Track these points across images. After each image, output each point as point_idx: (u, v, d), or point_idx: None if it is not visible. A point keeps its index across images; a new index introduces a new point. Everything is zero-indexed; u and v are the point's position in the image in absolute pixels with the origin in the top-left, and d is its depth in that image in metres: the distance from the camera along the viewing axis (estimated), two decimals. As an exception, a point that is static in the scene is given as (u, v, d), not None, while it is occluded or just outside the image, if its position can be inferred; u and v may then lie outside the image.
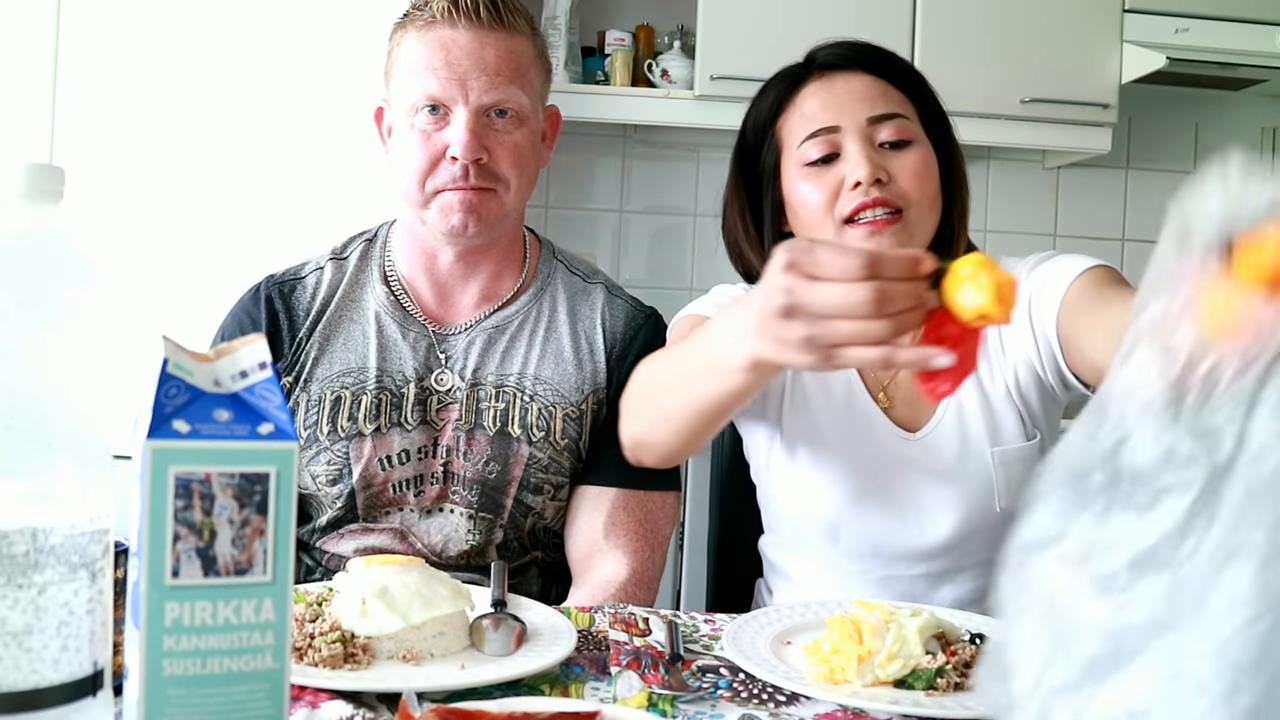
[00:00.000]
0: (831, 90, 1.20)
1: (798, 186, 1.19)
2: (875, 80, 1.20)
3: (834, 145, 1.17)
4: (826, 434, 1.22)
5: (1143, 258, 2.21)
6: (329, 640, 0.86)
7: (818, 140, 1.18)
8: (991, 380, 1.21)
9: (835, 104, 1.18)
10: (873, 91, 1.19)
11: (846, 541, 1.21)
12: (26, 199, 0.59)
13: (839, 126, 1.17)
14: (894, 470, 1.20)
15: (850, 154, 1.16)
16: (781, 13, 2.47)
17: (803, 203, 1.19)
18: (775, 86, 1.24)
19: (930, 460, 1.20)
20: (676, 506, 1.33)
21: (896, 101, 1.19)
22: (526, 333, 1.31)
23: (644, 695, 0.84)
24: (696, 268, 2.91)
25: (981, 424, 1.20)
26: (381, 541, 1.26)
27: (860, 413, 1.22)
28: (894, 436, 1.21)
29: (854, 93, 1.19)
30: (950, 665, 0.86)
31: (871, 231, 1.15)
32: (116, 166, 2.16)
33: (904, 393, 1.23)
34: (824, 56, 1.22)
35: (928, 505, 1.19)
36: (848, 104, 1.18)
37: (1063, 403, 1.25)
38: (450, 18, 1.22)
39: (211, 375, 0.59)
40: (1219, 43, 2.58)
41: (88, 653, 0.58)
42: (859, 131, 1.17)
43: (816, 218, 1.18)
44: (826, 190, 1.17)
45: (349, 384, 1.27)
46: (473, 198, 1.23)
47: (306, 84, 2.20)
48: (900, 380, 1.23)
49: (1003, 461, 1.18)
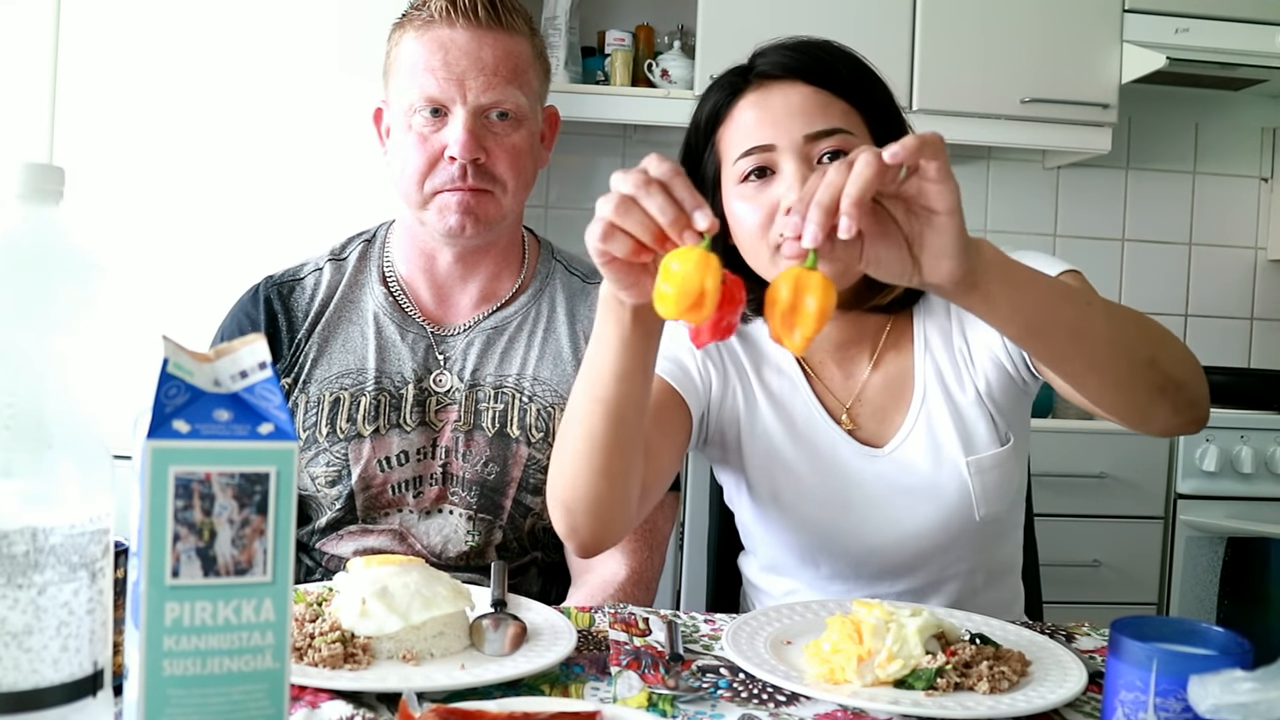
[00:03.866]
0: (767, 104, 1.11)
1: (734, 205, 1.12)
2: (815, 91, 1.10)
3: (769, 162, 1.09)
4: (791, 465, 1.19)
5: (1143, 258, 2.24)
6: (329, 640, 0.86)
7: (752, 157, 1.09)
8: (961, 388, 1.18)
9: (770, 120, 1.10)
10: (811, 105, 1.10)
11: (827, 566, 1.20)
12: (26, 199, 0.59)
13: (774, 145, 1.09)
14: (866, 489, 1.18)
15: (785, 174, 1.08)
16: (781, 13, 2.47)
17: (739, 223, 1.12)
18: (714, 94, 1.17)
19: (901, 475, 1.17)
20: (676, 507, 1.33)
21: (837, 114, 1.10)
22: (525, 333, 1.31)
23: (644, 695, 0.84)
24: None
25: (953, 434, 1.17)
26: (381, 543, 1.26)
27: (823, 438, 1.19)
28: (861, 455, 1.18)
29: (790, 107, 1.10)
30: (950, 665, 0.86)
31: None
32: (116, 166, 2.16)
33: (869, 409, 1.20)
34: (762, 65, 1.14)
35: (905, 520, 1.17)
36: (783, 120, 1.09)
37: (1032, 394, 1.22)
38: (448, 18, 1.22)
39: (211, 375, 0.59)
40: (1219, 43, 2.59)
41: (88, 653, 0.58)
42: (794, 150, 1.08)
43: (751, 240, 1.11)
44: (762, 211, 1.09)
45: (348, 385, 1.27)
46: (470, 199, 1.23)
47: (306, 84, 2.20)
48: (864, 399, 1.20)
49: (978, 470, 1.16)
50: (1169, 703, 0.70)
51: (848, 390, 1.21)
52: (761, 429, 1.20)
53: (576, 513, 1.02)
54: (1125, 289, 3.05)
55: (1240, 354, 3.09)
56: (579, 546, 1.05)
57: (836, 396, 1.21)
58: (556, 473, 1.03)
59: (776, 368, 1.22)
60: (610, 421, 0.96)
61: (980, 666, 0.87)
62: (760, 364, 1.23)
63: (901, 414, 1.19)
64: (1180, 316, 3.07)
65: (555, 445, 1.04)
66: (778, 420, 1.20)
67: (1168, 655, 0.71)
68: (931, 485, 1.17)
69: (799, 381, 1.21)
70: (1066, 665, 0.92)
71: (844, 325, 1.20)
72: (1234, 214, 3.10)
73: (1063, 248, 3.02)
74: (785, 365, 1.22)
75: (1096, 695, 0.87)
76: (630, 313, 0.90)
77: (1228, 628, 0.75)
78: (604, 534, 1.04)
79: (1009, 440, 1.18)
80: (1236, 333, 3.10)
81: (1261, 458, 2.40)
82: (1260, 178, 3.10)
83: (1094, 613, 1.18)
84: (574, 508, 1.02)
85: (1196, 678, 0.67)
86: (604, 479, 0.99)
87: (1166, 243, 3.07)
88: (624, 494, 1.02)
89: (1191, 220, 3.08)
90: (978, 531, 1.18)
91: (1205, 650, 0.74)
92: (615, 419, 0.96)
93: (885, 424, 1.20)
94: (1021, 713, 0.82)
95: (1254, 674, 0.65)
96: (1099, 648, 1.01)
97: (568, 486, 1.01)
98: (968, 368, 1.18)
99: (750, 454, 1.21)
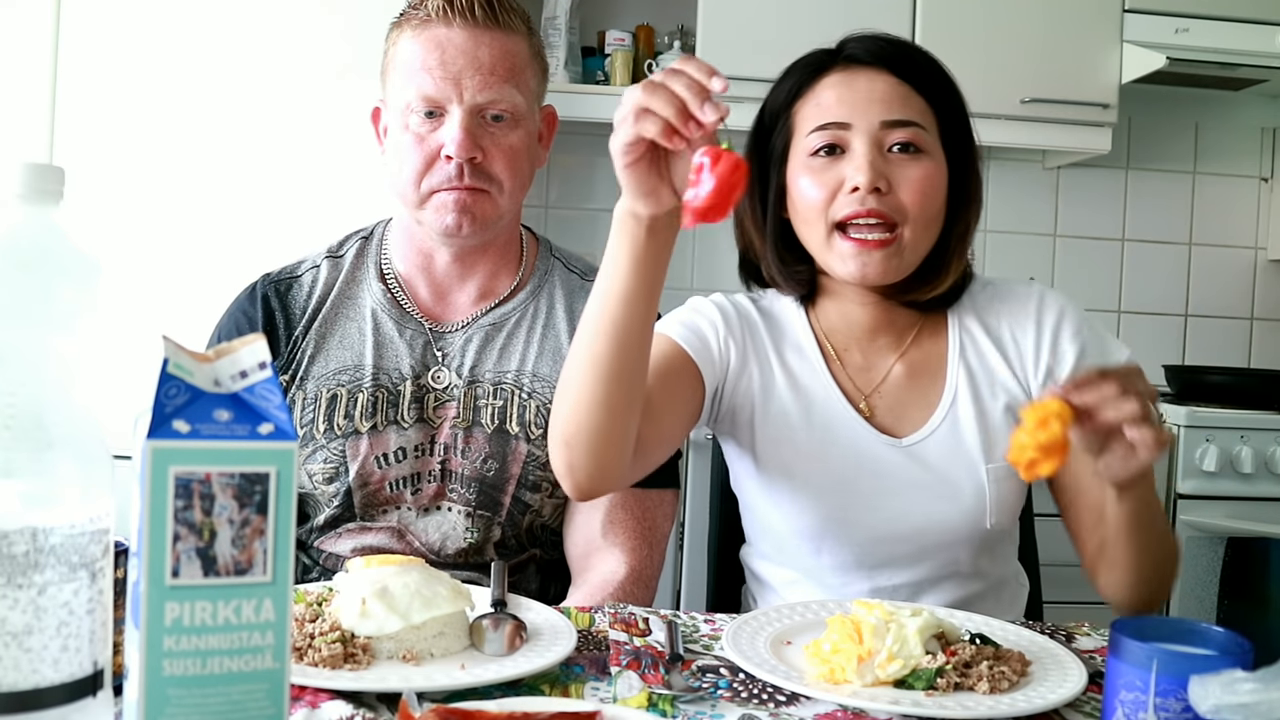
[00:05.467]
0: (851, 85, 1.16)
1: (799, 178, 1.17)
2: (898, 83, 1.16)
3: (841, 141, 1.15)
4: (805, 445, 1.20)
5: (1142, 258, 2.23)
6: (329, 640, 0.86)
7: (826, 132, 1.15)
8: (993, 396, 1.21)
9: (851, 100, 1.15)
10: (893, 94, 1.15)
11: (829, 554, 1.20)
12: (26, 199, 0.59)
13: (850, 124, 1.14)
14: (882, 478, 1.18)
15: (855, 155, 1.13)
16: (781, 13, 2.47)
17: (801, 196, 1.16)
18: (798, 71, 1.21)
19: (918, 468, 1.18)
20: (675, 505, 1.32)
21: (916, 109, 1.16)
22: (524, 330, 1.31)
23: (644, 695, 0.84)
24: (697, 268, 2.91)
25: (977, 439, 1.19)
26: (379, 540, 1.26)
27: (841, 422, 1.20)
28: (879, 443, 1.19)
29: (873, 92, 1.15)
30: (950, 665, 0.86)
31: (859, 249, 1.13)
32: (116, 166, 2.16)
33: (888, 401, 1.22)
34: (851, 48, 1.19)
35: (916, 513, 1.18)
36: (863, 103, 1.15)
37: None
38: (445, 17, 1.22)
39: (211, 375, 0.59)
40: (1219, 43, 2.58)
41: (88, 653, 0.58)
42: (869, 133, 1.13)
43: (811, 214, 1.15)
44: (825, 189, 1.14)
45: (345, 382, 1.27)
46: (467, 198, 1.23)
47: (304, 83, 2.20)
48: (884, 389, 1.22)
49: (995, 479, 1.17)
50: (1169, 703, 0.70)
51: (868, 379, 1.23)
52: (778, 407, 1.21)
53: (575, 447, 1.03)
54: (1125, 289, 3.05)
55: (1240, 354, 3.09)
56: (575, 487, 1.06)
57: (856, 383, 1.23)
58: (557, 408, 1.05)
59: (797, 347, 1.24)
60: (615, 347, 0.98)
61: (980, 666, 0.87)
62: (781, 342, 1.24)
63: (924, 410, 1.21)
64: (1180, 316, 3.07)
65: (559, 382, 1.05)
66: (795, 399, 1.21)
67: (1168, 655, 0.71)
68: (948, 484, 1.18)
69: (819, 364, 1.23)
70: (1066, 665, 0.92)
71: (878, 313, 1.23)
72: (1234, 214, 3.09)
73: (1063, 248, 3.02)
74: (806, 346, 1.24)
75: (1096, 695, 0.87)
76: (645, 228, 0.94)
77: (1228, 628, 0.75)
78: (599, 475, 1.05)
79: None
80: (1236, 333, 3.09)
81: (1261, 458, 2.40)
82: (1260, 178, 3.10)
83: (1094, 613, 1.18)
84: (572, 442, 1.03)
85: (1197, 678, 0.67)
86: (604, 411, 1.00)
87: (1166, 243, 3.07)
88: (622, 432, 1.02)
89: (1191, 220, 3.08)
90: (983, 539, 1.19)
91: (1205, 650, 0.74)
92: (620, 344, 0.98)
93: (904, 416, 1.21)
94: (1021, 713, 0.82)
95: (1255, 674, 0.65)
96: (1099, 648, 1.01)
97: (569, 419, 1.02)
98: (1006, 382, 1.21)
99: (763, 431, 1.21)
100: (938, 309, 1.25)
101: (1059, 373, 1.20)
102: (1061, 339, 1.21)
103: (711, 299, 1.27)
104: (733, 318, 1.24)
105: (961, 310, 1.25)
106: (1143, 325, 3.04)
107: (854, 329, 1.24)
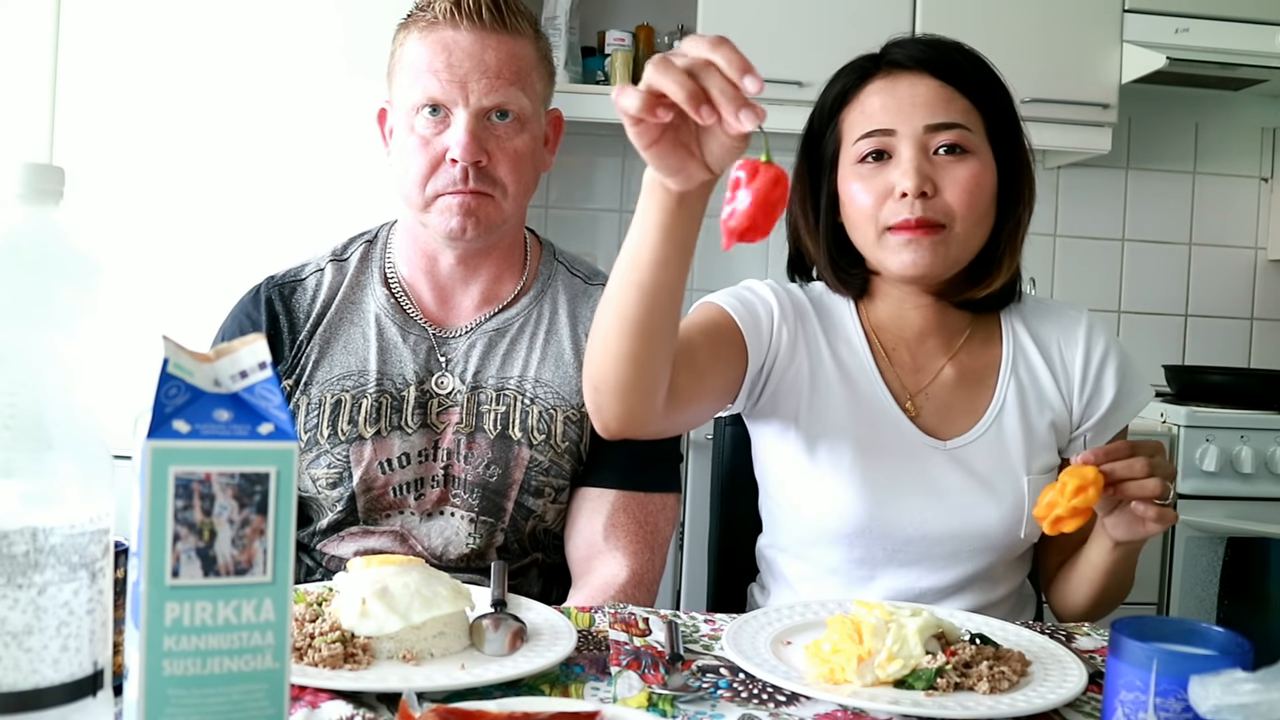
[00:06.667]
0: (894, 91, 1.19)
1: (850, 184, 1.20)
2: (941, 86, 1.18)
3: (887, 146, 1.17)
4: (849, 437, 1.20)
5: (1143, 258, 2.24)
6: (329, 640, 0.86)
7: (872, 139, 1.18)
8: (1040, 411, 1.23)
9: (895, 106, 1.17)
10: (935, 98, 1.17)
11: (861, 548, 1.20)
12: (26, 199, 0.59)
13: (895, 130, 1.17)
14: (926, 477, 1.19)
15: (901, 160, 1.16)
16: (781, 13, 2.47)
17: (851, 201, 1.19)
18: (844, 77, 1.24)
19: (961, 471, 1.20)
20: (677, 508, 1.32)
21: (959, 110, 1.18)
22: (527, 335, 1.31)
23: (644, 695, 0.84)
24: (697, 267, 2.90)
25: (1021, 447, 1.21)
26: (382, 544, 1.26)
27: (887, 419, 1.21)
28: (923, 443, 1.20)
29: (916, 97, 1.17)
30: (950, 665, 0.86)
31: (909, 238, 1.15)
32: (116, 166, 2.16)
33: (934, 403, 1.23)
34: (894, 54, 1.21)
35: (954, 517, 1.18)
36: (907, 108, 1.17)
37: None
38: (452, 19, 1.21)
39: (211, 375, 0.59)
40: (1219, 43, 2.58)
41: (88, 653, 0.58)
42: (914, 138, 1.16)
43: (862, 218, 1.18)
44: (874, 194, 1.17)
45: (349, 387, 1.27)
46: (471, 201, 1.23)
47: (308, 84, 2.20)
48: (931, 391, 1.23)
49: (1034, 489, 1.18)
50: (1169, 703, 0.70)
51: (916, 379, 1.24)
52: (826, 398, 1.22)
53: (603, 393, 1.03)
54: (1125, 289, 3.05)
55: (1240, 354, 3.09)
56: (602, 427, 1.06)
57: (903, 383, 1.24)
58: (589, 351, 1.04)
59: (848, 342, 1.25)
60: (645, 307, 0.95)
61: (980, 666, 0.87)
62: (833, 333, 1.26)
63: (971, 415, 1.22)
64: (1180, 316, 3.07)
65: (592, 327, 1.04)
66: (845, 392, 1.22)
67: (1168, 655, 0.71)
68: (989, 489, 1.19)
69: (867, 360, 1.24)
70: (1066, 665, 0.92)
71: (930, 315, 1.25)
72: (1234, 214, 3.09)
73: (1063, 248, 3.02)
74: (856, 341, 1.25)
75: (1096, 695, 0.87)
76: (675, 198, 0.89)
77: (1228, 628, 0.75)
78: (628, 419, 1.04)
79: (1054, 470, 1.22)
80: (1236, 333, 3.09)
81: (1261, 458, 2.40)
82: (1260, 178, 3.10)
83: (1093, 613, 1.19)
84: (601, 388, 1.02)
85: (1197, 678, 0.67)
86: (630, 364, 0.98)
87: (1166, 243, 3.07)
88: (650, 383, 1.01)
89: (1191, 220, 3.08)
90: (1013, 548, 1.21)
91: (1205, 650, 0.74)
92: (649, 304, 0.95)
93: (949, 420, 1.22)
94: (1021, 713, 0.82)
95: (1255, 674, 0.65)
96: (1099, 648, 1.01)
97: (598, 365, 1.02)
98: (1054, 401, 1.24)
99: (809, 420, 1.22)
100: (990, 311, 1.27)
101: (1095, 407, 1.25)
102: (1105, 374, 1.25)
103: (766, 283, 1.27)
104: (787, 303, 1.24)
105: (1013, 318, 1.28)
106: (1143, 325, 3.05)
107: (905, 330, 1.25)
